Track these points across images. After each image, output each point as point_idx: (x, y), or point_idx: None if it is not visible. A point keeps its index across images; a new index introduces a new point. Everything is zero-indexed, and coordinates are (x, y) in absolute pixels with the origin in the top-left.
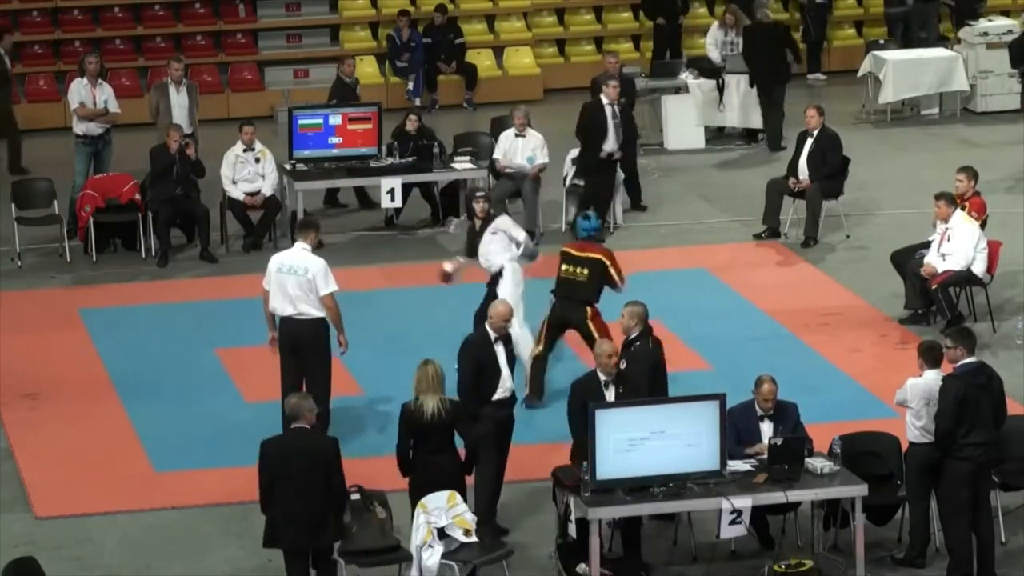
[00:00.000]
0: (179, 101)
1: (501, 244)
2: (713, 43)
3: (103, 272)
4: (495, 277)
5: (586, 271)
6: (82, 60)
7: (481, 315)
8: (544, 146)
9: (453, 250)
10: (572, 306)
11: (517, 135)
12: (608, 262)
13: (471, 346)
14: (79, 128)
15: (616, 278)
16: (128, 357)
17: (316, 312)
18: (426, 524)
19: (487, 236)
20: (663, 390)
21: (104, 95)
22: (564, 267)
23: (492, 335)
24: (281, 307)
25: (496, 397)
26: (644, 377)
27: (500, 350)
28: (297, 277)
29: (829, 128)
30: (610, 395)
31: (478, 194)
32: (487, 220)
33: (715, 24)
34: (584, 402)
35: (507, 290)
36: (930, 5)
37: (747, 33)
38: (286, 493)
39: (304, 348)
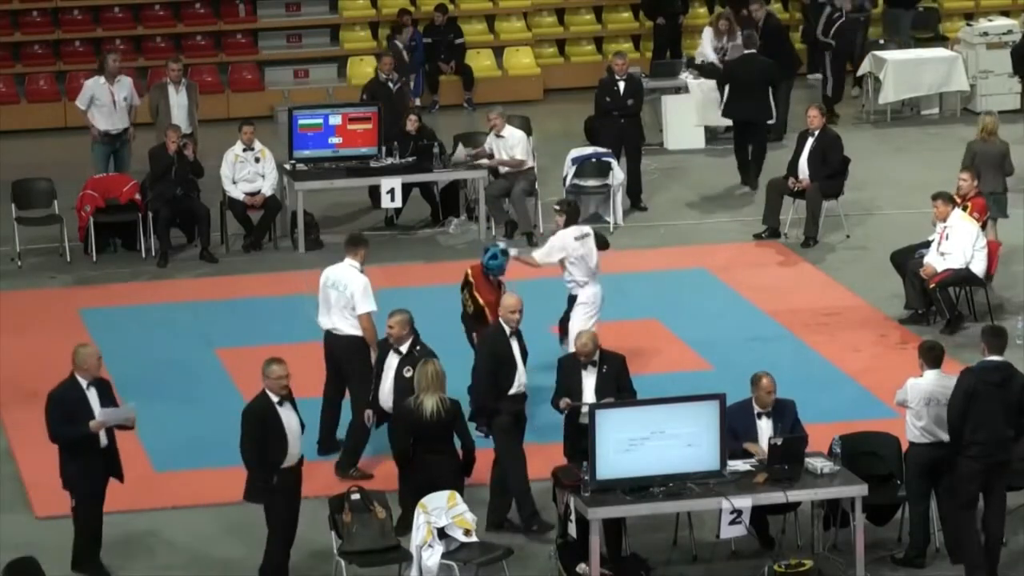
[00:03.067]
0: (178, 101)
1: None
2: (710, 48)
3: (103, 272)
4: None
5: (472, 307)
6: (104, 58)
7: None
8: (522, 143)
9: (453, 249)
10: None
11: (497, 136)
12: (487, 308)
13: (489, 339)
14: (98, 126)
15: (490, 317)
16: (128, 357)
17: (349, 330)
18: (426, 524)
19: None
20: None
21: (123, 91)
22: (463, 294)
23: (507, 329)
24: (322, 320)
25: (512, 391)
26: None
27: (515, 344)
28: (338, 292)
29: (830, 128)
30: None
31: (555, 207)
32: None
33: (708, 30)
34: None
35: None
36: (905, 12)
37: (765, 27)
38: None
39: (340, 363)
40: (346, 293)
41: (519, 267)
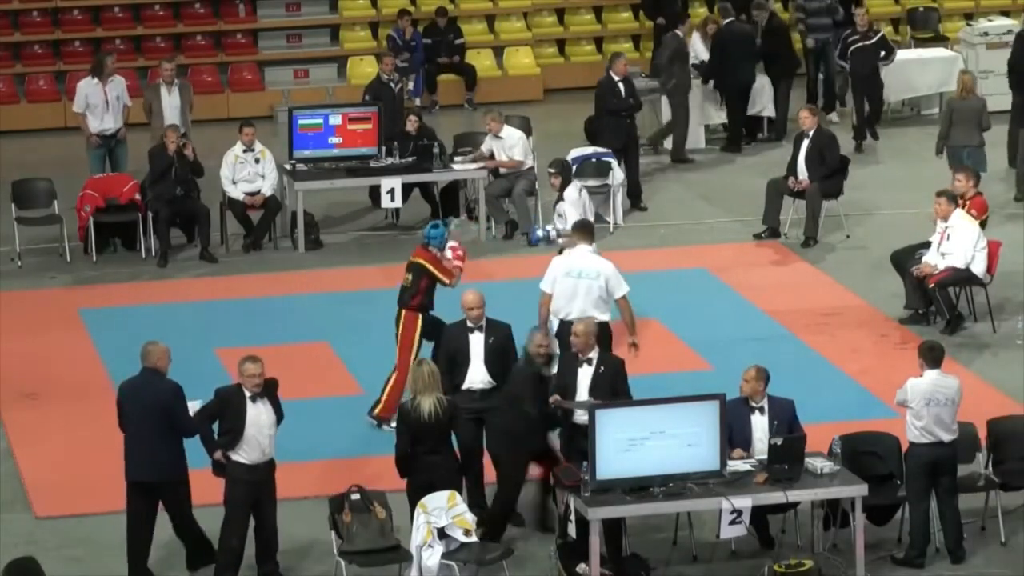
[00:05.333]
0: (171, 102)
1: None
2: (703, 50)
3: (103, 272)
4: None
5: (410, 276)
6: (101, 59)
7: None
8: (520, 143)
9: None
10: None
11: (495, 137)
12: (428, 264)
13: (445, 334)
14: (92, 127)
15: (441, 276)
16: (128, 357)
17: (602, 316)
18: (426, 524)
19: (554, 217)
20: None
21: (116, 91)
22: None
23: (468, 323)
24: (565, 310)
25: (464, 387)
26: None
27: (475, 339)
28: (589, 281)
29: (825, 128)
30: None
31: (550, 170)
32: (561, 192)
33: (696, 35)
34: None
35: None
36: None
37: (767, 28)
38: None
39: None
40: (599, 281)
41: (514, 268)
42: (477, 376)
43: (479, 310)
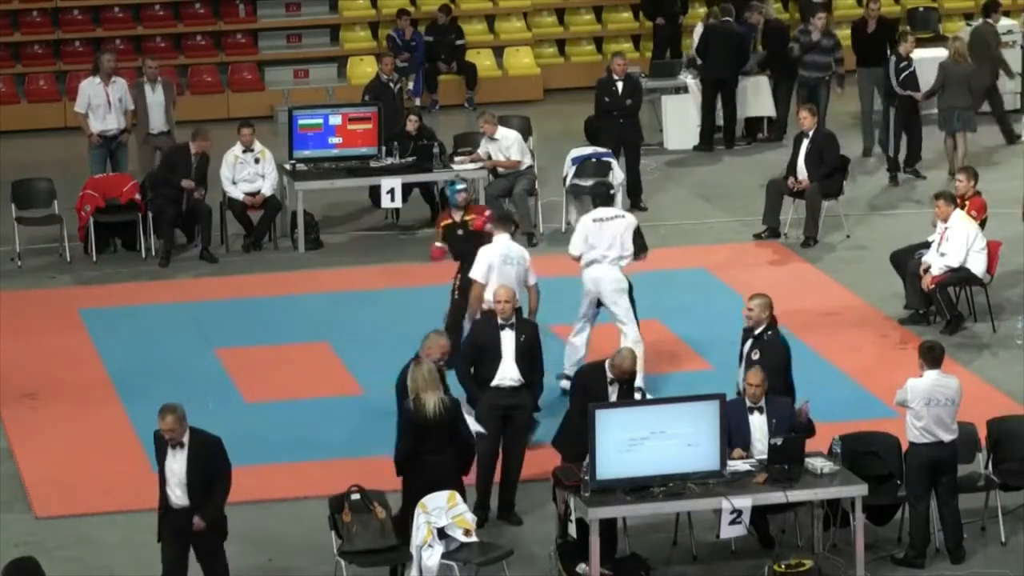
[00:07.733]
0: (155, 99)
1: None
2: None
3: (103, 272)
4: None
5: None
6: (98, 58)
7: None
8: (517, 143)
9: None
10: None
11: (490, 139)
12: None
13: (474, 326)
14: (93, 127)
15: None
16: (128, 357)
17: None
18: (426, 524)
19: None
20: None
21: (119, 92)
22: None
23: (499, 320)
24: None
25: (494, 383)
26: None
27: (507, 336)
28: (517, 267)
29: (824, 128)
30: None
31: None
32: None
33: (700, 27)
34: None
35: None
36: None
37: (765, 30)
38: None
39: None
40: (524, 266)
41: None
42: (508, 373)
43: (509, 304)
